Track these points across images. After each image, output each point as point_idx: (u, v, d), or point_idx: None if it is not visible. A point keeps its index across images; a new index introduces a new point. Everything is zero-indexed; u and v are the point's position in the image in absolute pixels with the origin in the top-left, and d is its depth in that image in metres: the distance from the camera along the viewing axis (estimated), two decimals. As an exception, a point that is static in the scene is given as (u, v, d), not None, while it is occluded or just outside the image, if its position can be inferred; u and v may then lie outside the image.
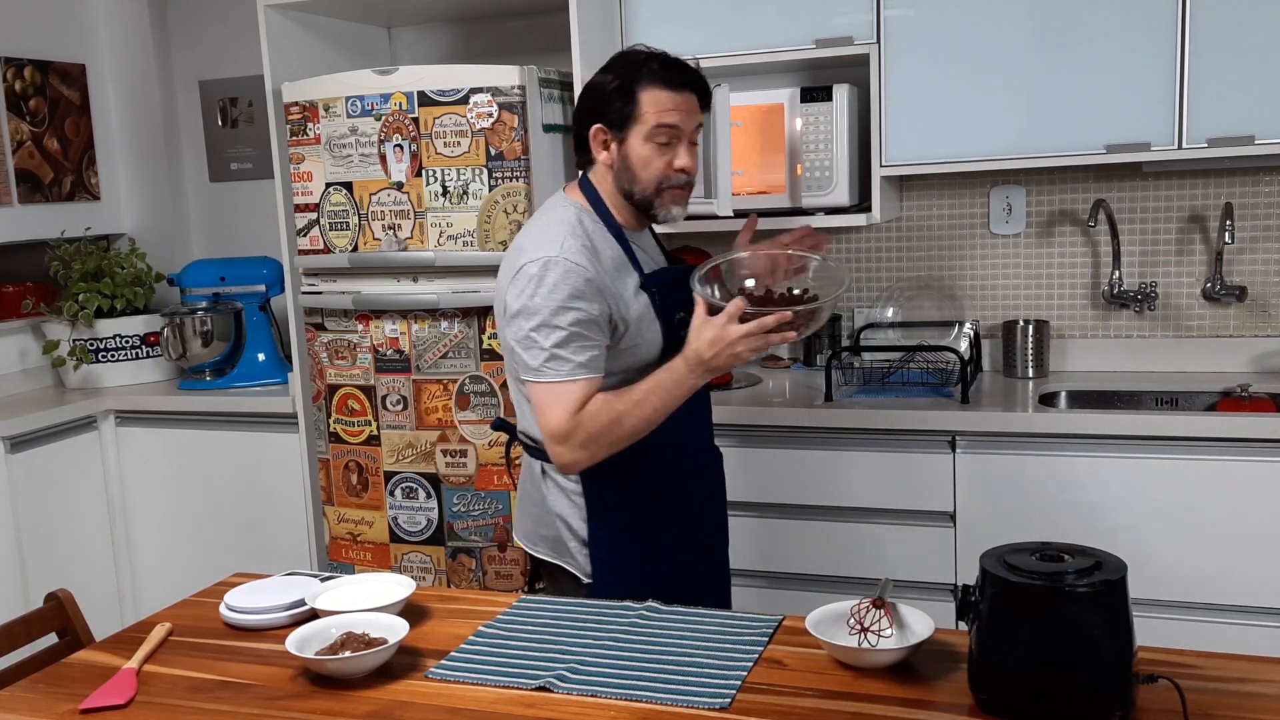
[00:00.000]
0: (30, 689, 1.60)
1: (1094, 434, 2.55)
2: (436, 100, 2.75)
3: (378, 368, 2.91)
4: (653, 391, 1.86)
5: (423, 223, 2.80)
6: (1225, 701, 1.37)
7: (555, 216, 1.97)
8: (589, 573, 2.02)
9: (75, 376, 3.56)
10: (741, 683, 1.48)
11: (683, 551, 2.09)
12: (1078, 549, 1.39)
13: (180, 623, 1.80)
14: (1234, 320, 2.97)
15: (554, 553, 2.06)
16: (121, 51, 3.86)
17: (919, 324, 3.15)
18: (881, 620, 1.51)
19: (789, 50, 2.89)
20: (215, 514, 3.43)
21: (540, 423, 1.89)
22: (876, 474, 2.72)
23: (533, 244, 1.92)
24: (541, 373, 1.87)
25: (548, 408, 1.86)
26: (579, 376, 1.86)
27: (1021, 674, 1.33)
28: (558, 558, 2.05)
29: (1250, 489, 2.45)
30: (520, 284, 1.88)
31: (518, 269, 1.90)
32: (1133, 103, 2.65)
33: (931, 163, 2.84)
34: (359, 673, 1.54)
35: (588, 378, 1.87)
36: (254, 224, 3.85)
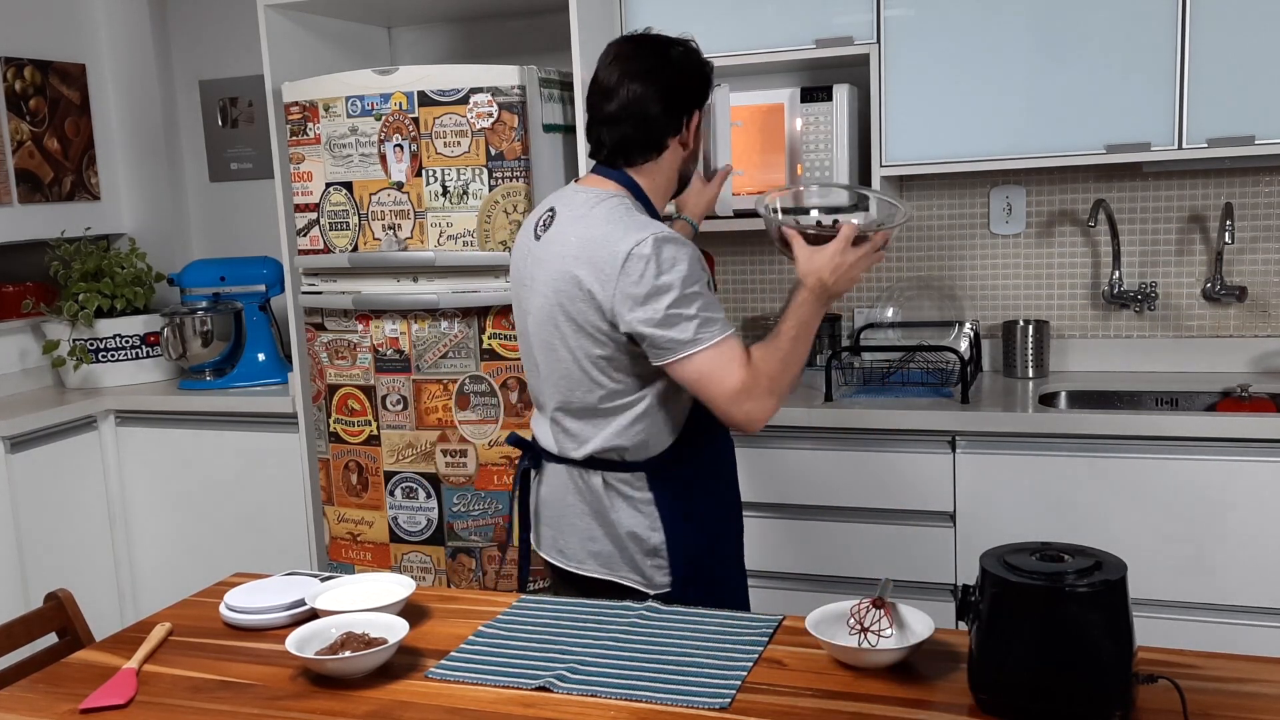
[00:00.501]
0: (30, 689, 1.60)
1: (1094, 434, 2.55)
2: (436, 100, 2.75)
3: (378, 368, 2.91)
4: (798, 329, 1.85)
5: (423, 223, 2.80)
6: (1225, 701, 1.37)
7: (613, 205, 1.89)
8: (659, 584, 1.94)
9: (75, 376, 3.56)
10: (741, 683, 1.48)
11: (737, 544, 2.11)
12: (1078, 549, 1.39)
13: (180, 623, 1.80)
14: (1234, 320, 2.97)
15: (607, 569, 1.96)
16: (121, 51, 3.86)
17: (919, 324, 3.15)
18: (881, 620, 1.51)
19: (789, 50, 2.89)
20: (215, 514, 3.43)
21: (717, 390, 1.80)
22: (876, 474, 2.71)
23: (619, 233, 1.82)
24: (699, 340, 1.79)
25: (720, 369, 1.79)
26: (729, 330, 1.82)
27: (1021, 674, 1.33)
28: (612, 573, 1.96)
29: (1250, 489, 2.45)
30: (637, 268, 1.78)
31: (624, 256, 1.79)
32: (1133, 103, 2.65)
33: (931, 163, 2.84)
34: (359, 673, 1.54)
35: (735, 331, 1.85)
36: (254, 224, 3.85)
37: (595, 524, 1.97)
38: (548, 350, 1.94)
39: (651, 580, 1.95)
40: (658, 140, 1.94)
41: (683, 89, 1.94)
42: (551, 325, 1.91)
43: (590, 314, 1.85)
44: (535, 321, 1.95)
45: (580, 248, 1.85)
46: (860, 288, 3.27)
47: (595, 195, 1.92)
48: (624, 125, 1.91)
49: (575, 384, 1.91)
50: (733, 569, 2.09)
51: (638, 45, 1.97)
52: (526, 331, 2.00)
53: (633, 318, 1.80)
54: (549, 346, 1.93)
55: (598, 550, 1.97)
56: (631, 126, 1.91)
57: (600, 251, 1.82)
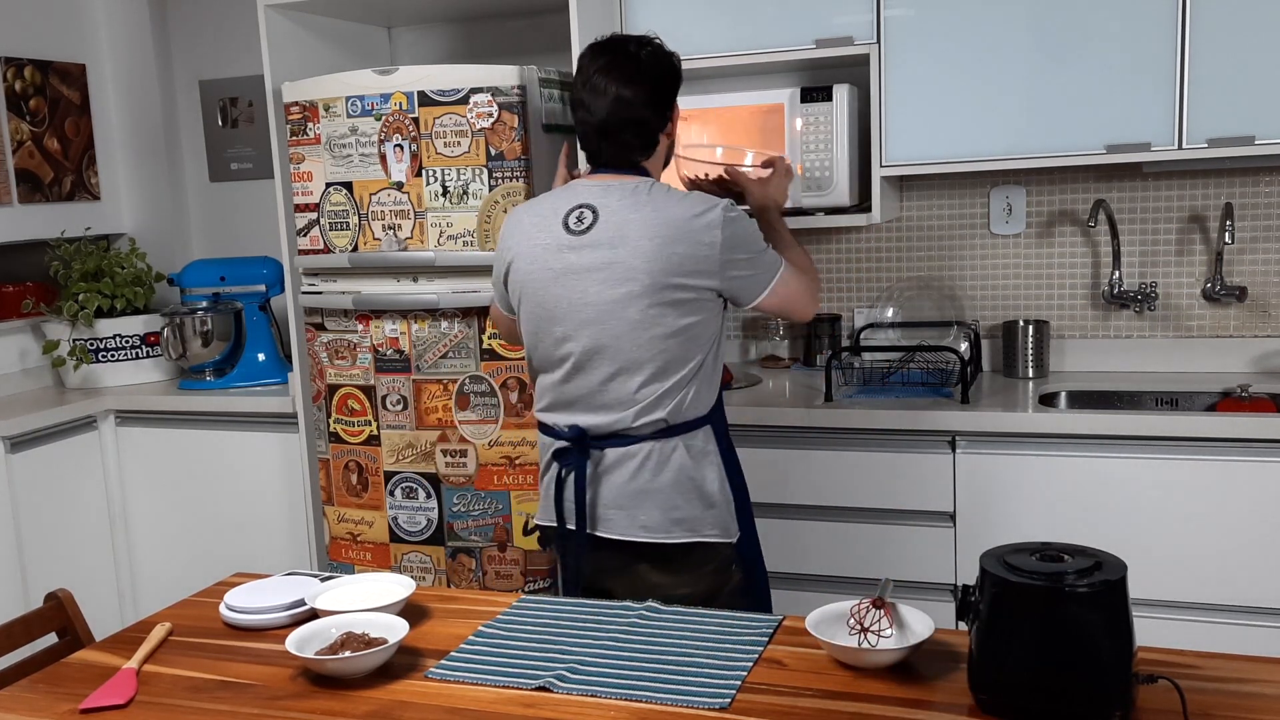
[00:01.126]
0: (30, 689, 1.60)
1: (1094, 434, 2.55)
2: (436, 100, 2.75)
3: (378, 368, 2.91)
4: (790, 239, 2.23)
5: (423, 223, 2.80)
6: (1225, 701, 1.37)
7: (660, 188, 2.06)
8: (733, 532, 2.11)
9: (75, 376, 3.56)
10: (741, 683, 1.48)
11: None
12: (1078, 549, 1.39)
13: (180, 623, 1.80)
14: (1234, 320, 2.97)
15: (692, 531, 2.06)
16: (121, 51, 3.86)
17: (919, 324, 3.15)
18: (881, 620, 1.51)
19: (789, 50, 2.89)
20: (215, 514, 3.43)
21: (803, 300, 2.15)
22: (876, 474, 2.72)
23: (696, 206, 2.01)
24: (779, 262, 2.09)
25: (796, 281, 2.12)
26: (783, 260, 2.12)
27: (1021, 674, 1.33)
28: (696, 534, 2.06)
29: (1250, 489, 2.45)
30: (715, 223, 1.99)
31: (718, 222, 1.99)
32: (1133, 103, 2.65)
33: (931, 163, 2.84)
34: (359, 673, 1.54)
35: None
36: (254, 224, 3.85)
37: (676, 491, 2.04)
38: (634, 331, 1.99)
39: (728, 530, 2.10)
40: (654, 138, 2.10)
41: (665, 87, 2.09)
42: (638, 307, 1.98)
43: (693, 283, 1.99)
44: (602, 309, 2.00)
45: (668, 227, 1.98)
46: (860, 288, 3.27)
47: (635, 185, 2.04)
48: (624, 134, 2.05)
49: (669, 359, 2.01)
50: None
51: (613, 54, 2.07)
52: (571, 320, 2.04)
53: (733, 271, 2.02)
54: (636, 326, 1.99)
55: (681, 516, 2.05)
56: (632, 134, 2.05)
57: (694, 224, 1.99)
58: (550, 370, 2.09)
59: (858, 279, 3.27)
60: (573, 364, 2.04)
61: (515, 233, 2.11)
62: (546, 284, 2.05)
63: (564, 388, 2.07)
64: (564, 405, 2.08)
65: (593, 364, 2.02)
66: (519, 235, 2.10)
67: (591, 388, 2.04)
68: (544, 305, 2.06)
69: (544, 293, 2.05)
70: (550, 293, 2.04)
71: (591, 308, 2.00)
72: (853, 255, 3.27)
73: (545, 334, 2.07)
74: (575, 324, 2.03)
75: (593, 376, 2.03)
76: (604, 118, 2.03)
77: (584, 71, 2.06)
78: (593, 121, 2.04)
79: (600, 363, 2.02)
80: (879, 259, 3.25)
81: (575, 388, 2.05)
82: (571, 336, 2.03)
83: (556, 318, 2.04)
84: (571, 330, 2.03)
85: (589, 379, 2.03)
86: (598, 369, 2.02)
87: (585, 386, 2.04)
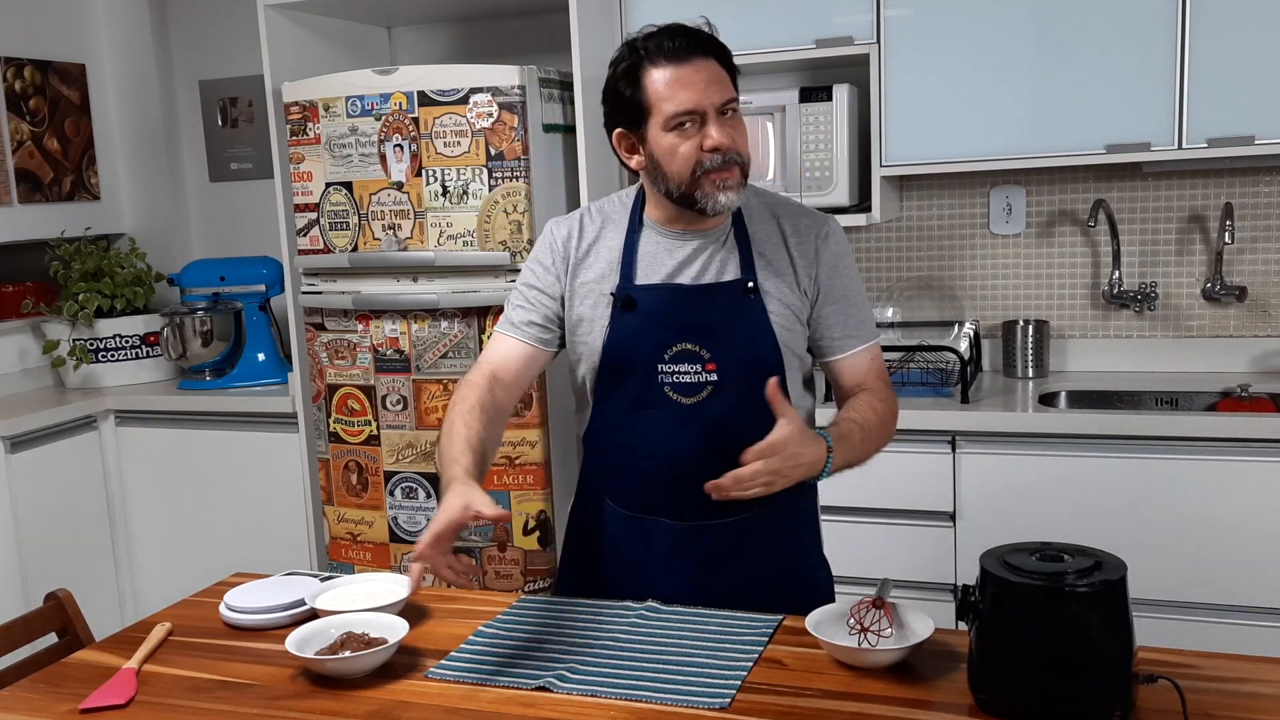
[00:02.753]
0: (30, 689, 1.60)
1: (1094, 434, 2.55)
2: (436, 100, 2.75)
3: (378, 368, 2.91)
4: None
5: (423, 223, 2.80)
6: (1225, 701, 1.37)
7: (621, 192, 1.87)
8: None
9: (75, 376, 3.56)
10: (741, 683, 1.47)
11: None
12: (1078, 549, 1.39)
13: (180, 623, 1.80)
14: (1234, 320, 2.97)
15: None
16: (121, 51, 3.86)
17: (919, 324, 3.15)
18: (881, 620, 1.51)
19: (789, 50, 2.89)
20: (215, 514, 3.43)
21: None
22: (876, 474, 2.71)
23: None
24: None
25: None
26: (503, 328, 1.88)
27: (1021, 674, 1.33)
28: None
29: (1250, 489, 2.45)
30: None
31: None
32: (1133, 103, 2.65)
33: (931, 163, 2.84)
34: (359, 673, 1.54)
35: (510, 331, 1.88)
36: (254, 224, 3.85)
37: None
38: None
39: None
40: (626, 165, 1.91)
41: (604, 108, 1.81)
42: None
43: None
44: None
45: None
46: (860, 288, 3.27)
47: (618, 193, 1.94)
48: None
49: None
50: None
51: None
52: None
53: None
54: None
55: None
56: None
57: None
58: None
59: (858, 279, 3.27)
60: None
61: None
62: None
63: None
64: None
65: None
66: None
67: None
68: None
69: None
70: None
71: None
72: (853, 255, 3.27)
73: None
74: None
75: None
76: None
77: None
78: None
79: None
80: (879, 259, 3.25)
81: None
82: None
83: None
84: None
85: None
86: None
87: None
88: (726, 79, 1.70)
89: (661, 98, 1.67)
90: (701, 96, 1.66)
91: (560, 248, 1.83)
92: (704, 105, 1.67)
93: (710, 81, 1.67)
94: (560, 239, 1.84)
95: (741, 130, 1.71)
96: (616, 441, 1.83)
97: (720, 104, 1.68)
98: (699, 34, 1.70)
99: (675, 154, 1.69)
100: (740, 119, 1.72)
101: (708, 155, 1.67)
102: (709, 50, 1.69)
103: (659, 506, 1.82)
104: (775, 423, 1.57)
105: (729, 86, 1.70)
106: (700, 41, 1.69)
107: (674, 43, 1.68)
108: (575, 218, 1.86)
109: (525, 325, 1.83)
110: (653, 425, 1.78)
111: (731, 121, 1.70)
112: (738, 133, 1.70)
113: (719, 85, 1.68)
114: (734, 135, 1.69)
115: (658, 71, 1.68)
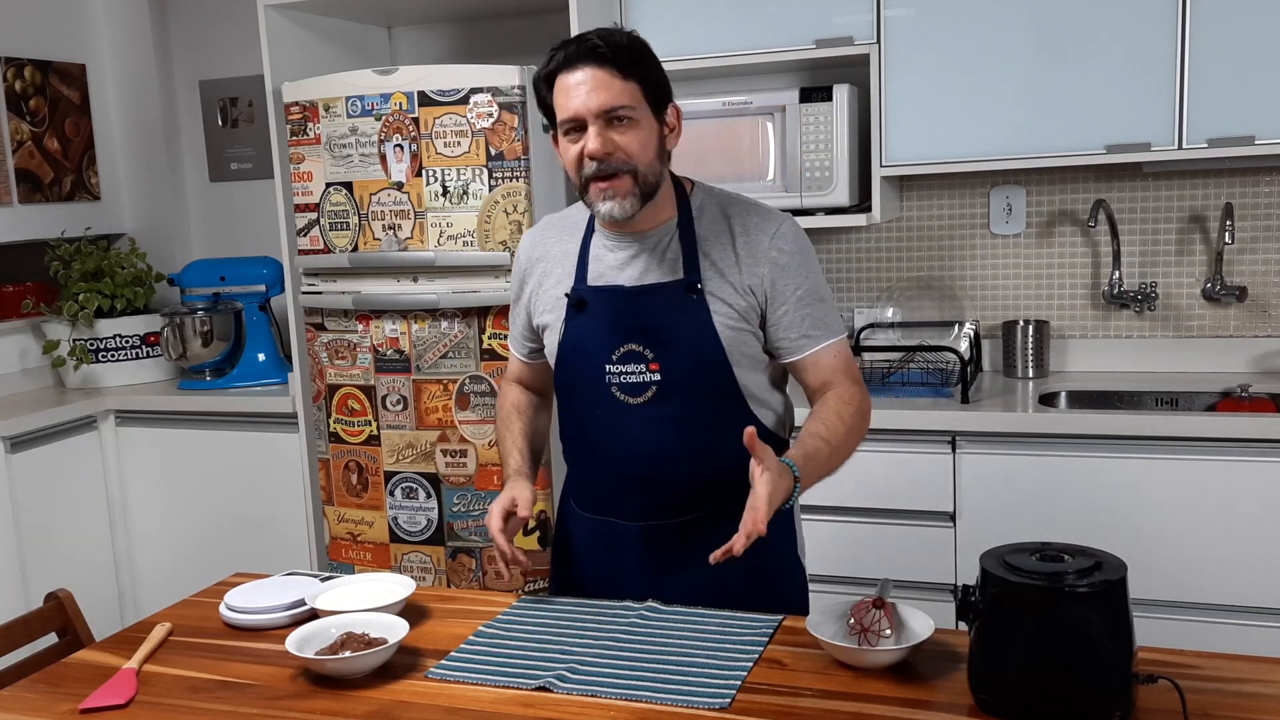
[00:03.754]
0: (30, 689, 1.60)
1: (1094, 434, 2.54)
2: (436, 100, 2.75)
3: (378, 368, 2.91)
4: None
5: (423, 223, 2.80)
6: (1225, 701, 1.37)
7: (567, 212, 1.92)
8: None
9: (75, 376, 3.56)
10: (741, 683, 1.47)
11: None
12: (1078, 549, 1.39)
13: (180, 623, 1.80)
14: (1234, 320, 2.97)
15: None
16: (121, 51, 3.86)
17: (919, 324, 3.15)
18: (881, 620, 1.51)
19: (789, 50, 2.89)
20: (215, 514, 3.43)
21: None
22: (876, 474, 2.71)
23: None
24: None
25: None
26: (511, 347, 2.04)
27: (1021, 674, 1.33)
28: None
29: (1250, 489, 2.45)
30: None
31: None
32: (1133, 103, 2.65)
33: (931, 163, 2.84)
34: (359, 673, 1.54)
35: (514, 357, 2.05)
36: (254, 224, 3.85)
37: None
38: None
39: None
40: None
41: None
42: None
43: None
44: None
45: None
46: (861, 288, 3.27)
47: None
48: None
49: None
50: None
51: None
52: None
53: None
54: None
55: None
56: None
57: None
58: None
59: (858, 279, 3.27)
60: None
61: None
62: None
63: None
64: None
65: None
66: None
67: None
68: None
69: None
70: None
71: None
72: (853, 255, 3.27)
73: None
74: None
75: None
76: None
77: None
78: None
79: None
80: (879, 259, 3.25)
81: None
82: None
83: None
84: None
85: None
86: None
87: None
88: (616, 86, 1.66)
89: (557, 105, 1.70)
90: (579, 104, 1.66)
91: (524, 260, 1.92)
92: (582, 112, 1.66)
93: (593, 89, 1.66)
94: (524, 252, 1.92)
95: (633, 138, 1.68)
96: (573, 442, 1.90)
97: (598, 110, 1.66)
98: (592, 40, 1.68)
99: (567, 159, 1.72)
100: (635, 126, 1.68)
101: (585, 163, 1.68)
102: (599, 58, 1.66)
103: (613, 507, 1.84)
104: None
105: (617, 94, 1.66)
106: (588, 48, 1.67)
107: (565, 51, 1.69)
108: (539, 228, 1.94)
109: (521, 340, 1.98)
110: (603, 426, 1.81)
111: (621, 129, 1.68)
112: (626, 140, 1.67)
113: (602, 93, 1.66)
114: (618, 143, 1.67)
115: (559, 77, 1.69)
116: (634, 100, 1.68)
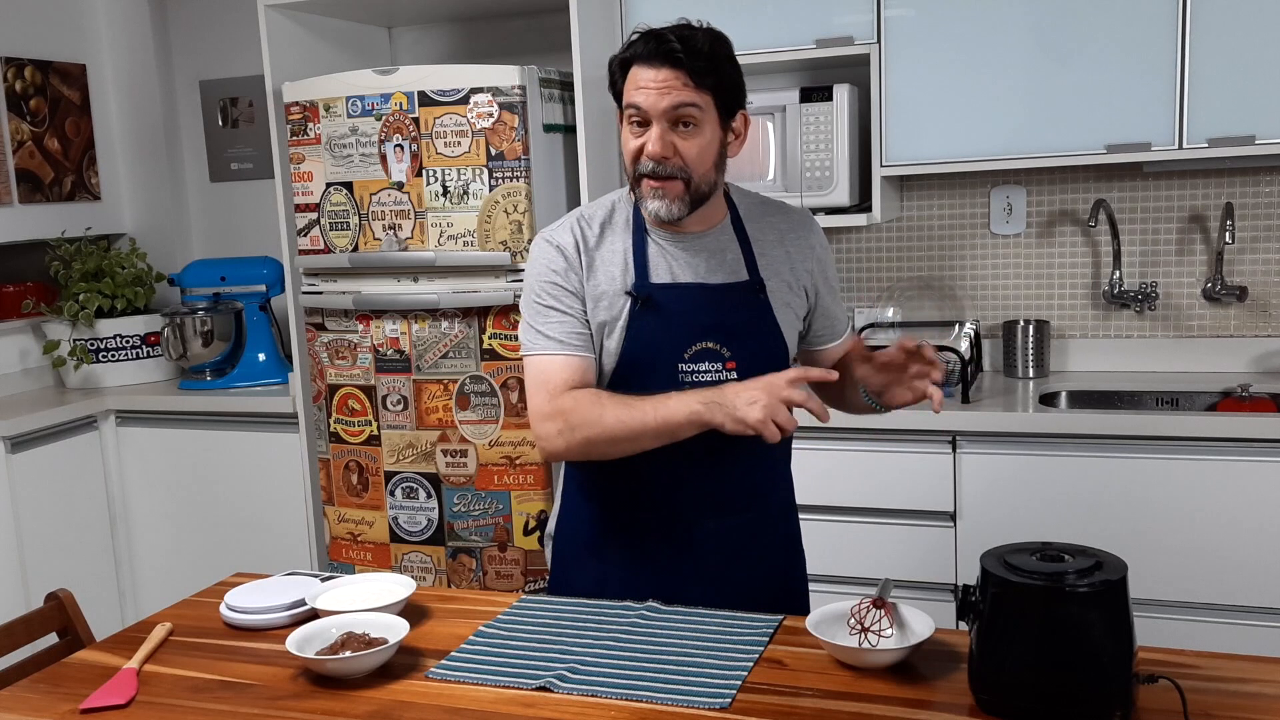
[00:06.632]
0: (30, 689, 1.60)
1: (1094, 434, 2.54)
2: (437, 100, 2.75)
3: (378, 368, 2.91)
4: (660, 423, 1.68)
5: (423, 223, 2.81)
6: (1225, 701, 1.37)
7: (605, 198, 1.87)
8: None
9: (75, 376, 3.56)
10: (741, 683, 1.47)
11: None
12: (1078, 549, 1.39)
13: (180, 623, 1.80)
14: (1234, 320, 2.97)
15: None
16: (121, 51, 3.86)
17: (919, 324, 3.15)
18: (881, 620, 1.51)
19: (789, 50, 2.89)
20: (215, 514, 3.43)
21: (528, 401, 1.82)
22: (876, 474, 2.71)
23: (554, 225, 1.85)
24: (523, 346, 1.83)
25: (530, 383, 1.78)
26: (544, 350, 1.79)
27: (1021, 674, 1.33)
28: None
29: (1250, 489, 2.45)
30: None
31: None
32: (1133, 103, 2.65)
33: (931, 163, 2.84)
34: (359, 673, 1.54)
35: (562, 354, 1.79)
36: (254, 224, 3.85)
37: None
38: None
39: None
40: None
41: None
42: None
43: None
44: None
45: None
46: (860, 288, 3.27)
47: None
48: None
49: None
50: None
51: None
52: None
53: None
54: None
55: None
56: None
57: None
58: None
59: (858, 279, 3.27)
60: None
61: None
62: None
63: None
64: None
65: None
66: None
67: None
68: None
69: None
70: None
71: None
72: (853, 255, 3.27)
73: None
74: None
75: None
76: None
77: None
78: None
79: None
80: (879, 259, 3.25)
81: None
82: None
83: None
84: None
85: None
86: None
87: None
88: (688, 92, 1.68)
89: (626, 91, 1.72)
90: (648, 102, 1.68)
91: (572, 252, 1.80)
92: (648, 108, 1.68)
93: (662, 91, 1.68)
94: (568, 246, 1.80)
95: (694, 144, 1.70)
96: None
97: (665, 111, 1.68)
98: (672, 42, 1.68)
99: (627, 146, 1.75)
100: (698, 132, 1.70)
101: (640, 160, 1.71)
102: (677, 61, 1.67)
103: (659, 505, 1.83)
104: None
105: (686, 99, 1.68)
106: (667, 50, 1.68)
107: (645, 45, 1.70)
108: (569, 227, 1.83)
109: (575, 334, 1.77)
110: None
111: (684, 133, 1.69)
112: (686, 145, 1.69)
113: (671, 95, 1.67)
114: (679, 148, 1.69)
115: (635, 67, 1.71)
116: (702, 107, 1.70)
